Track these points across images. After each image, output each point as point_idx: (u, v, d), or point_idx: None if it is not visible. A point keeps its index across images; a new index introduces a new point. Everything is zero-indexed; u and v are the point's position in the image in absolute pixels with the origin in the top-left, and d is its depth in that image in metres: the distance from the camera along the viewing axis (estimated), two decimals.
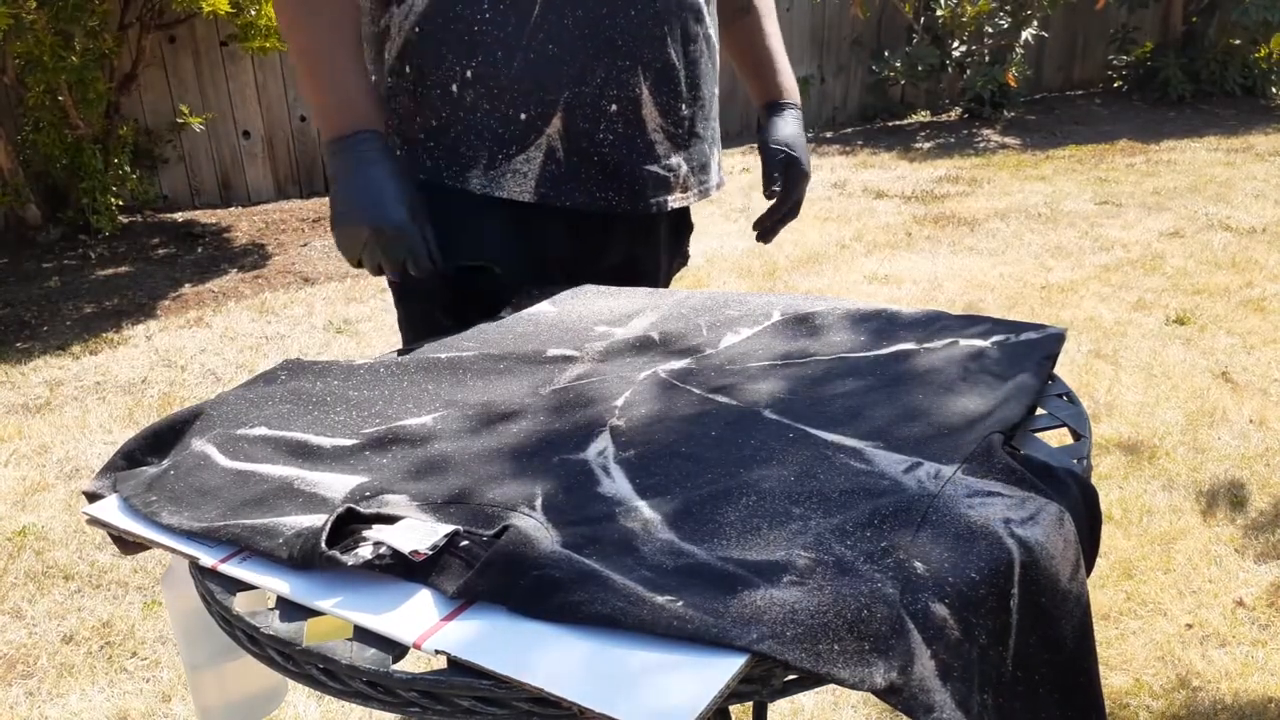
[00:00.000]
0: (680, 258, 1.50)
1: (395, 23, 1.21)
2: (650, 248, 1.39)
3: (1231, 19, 6.90)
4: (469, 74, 1.19)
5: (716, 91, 1.36)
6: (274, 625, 0.69)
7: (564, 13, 1.16)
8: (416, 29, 1.19)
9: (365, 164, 1.14)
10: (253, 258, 4.31)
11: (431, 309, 1.28)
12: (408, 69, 1.22)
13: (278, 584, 0.71)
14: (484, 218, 1.24)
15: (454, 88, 1.20)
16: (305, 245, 4.47)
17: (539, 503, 0.77)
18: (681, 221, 1.46)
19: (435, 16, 1.18)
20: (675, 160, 1.29)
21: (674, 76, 1.24)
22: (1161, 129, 6.52)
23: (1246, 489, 2.39)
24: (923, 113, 7.23)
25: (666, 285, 1.47)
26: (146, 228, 4.65)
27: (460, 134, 1.21)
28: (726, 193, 5.25)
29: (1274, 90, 7.33)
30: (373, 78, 1.27)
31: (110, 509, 0.83)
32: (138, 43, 4.45)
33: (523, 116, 1.20)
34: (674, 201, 1.30)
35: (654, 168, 1.27)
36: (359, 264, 1.18)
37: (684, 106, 1.27)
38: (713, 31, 1.30)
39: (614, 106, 1.21)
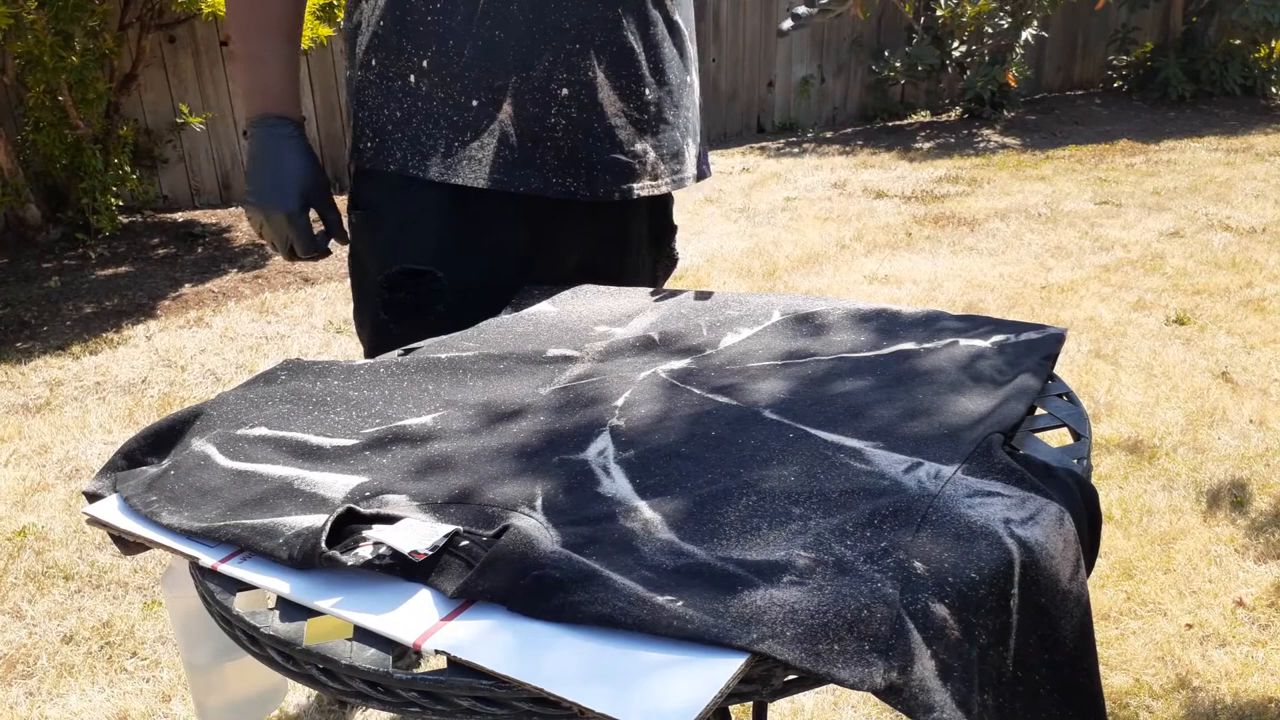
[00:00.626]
0: (665, 260, 1.47)
1: (365, 18, 1.24)
2: (619, 246, 1.36)
3: (1231, 19, 6.89)
4: (425, 64, 1.22)
5: (691, 80, 1.33)
6: (274, 625, 0.69)
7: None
8: (381, 23, 1.23)
9: (272, 150, 1.23)
10: (253, 258, 4.31)
11: (377, 307, 1.31)
12: (374, 62, 1.25)
13: (278, 584, 0.71)
14: (440, 215, 1.25)
15: (412, 78, 1.22)
16: None
17: (539, 503, 0.78)
18: (662, 222, 1.43)
19: (394, 9, 1.21)
20: (641, 146, 1.26)
21: (632, 60, 1.23)
22: (1161, 129, 6.52)
23: (1247, 489, 2.38)
24: (923, 113, 7.23)
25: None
26: (146, 228, 4.65)
27: (420, 124, 1.24)
28: (726, 193, 5.25)
29: (1274, 90, 7.33)
30: (348, 73, 1.31)
31: (110, 509, 0.83)
32: (138, 43, 4.45)
33: (474, 103, 1.21)
34: (641, 190, 1.27)
35: (616, 154, 1.25)
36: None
37: (647, 91, 1.25)
38: (678, 17, 1.28)
39: (565, 90, 1.21)
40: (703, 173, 1.38)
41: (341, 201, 1.33)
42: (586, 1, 1.19)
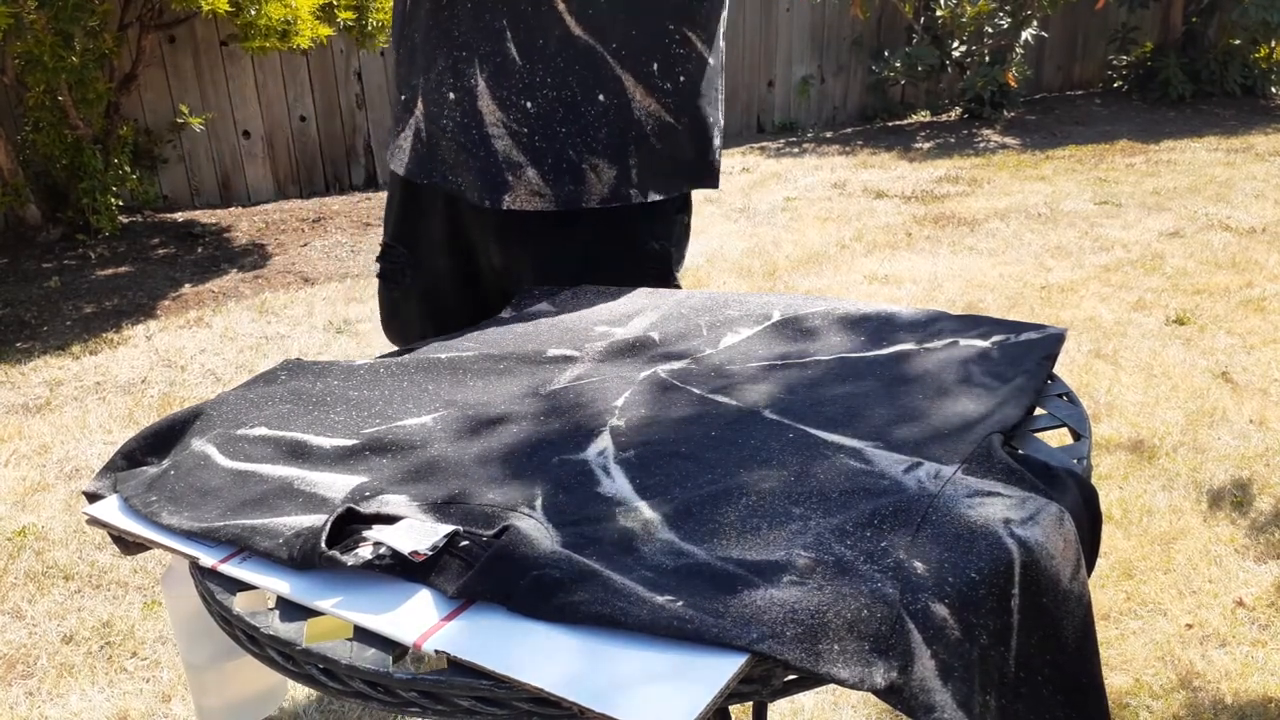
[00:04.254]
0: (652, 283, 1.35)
1: None
2: (539, 260, 1.32)
3: (1231, 19, 6.89)
4: (395, 60, 1.39)
5: (614, 102, 1.26)
6: (274, 625, 0.69)
7: (421, 5, 1.29)
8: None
9: None
10: (253, 258, 4.31)
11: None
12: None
13: (278, 584, 0.71)
14: (399, 198, 1.44)
15: (397, 71, 1.39)
16: (305, 245, 4.47)
17: (539, 503, 0.77)
18: (631, 241, 1.34)
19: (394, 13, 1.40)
20: (518, 158, 1.26)
21: (513, 71, 1.24)
22: (1161, 129, 6.52)
23: (1247, 489, 2.38)
24: (923, 113, 7.23)
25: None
26: (146, 228, 4.65)
27: (396, 112, 1.40)
28: (726, 193, 5.25)
29: (1274, 90, 7.33)
30: None
31: (110, 509, 0.83)
32: (138, 43, 4.44)
33: (403, 98, 1.36)
34: (513, 201, 1.28)
35: (489, 161, 1.27)
36: None
37: (529, 103, 1.25)
38: (580, 30, 1.23)
39: (452, 95, 1.28)
40: (617, 194, 1.30)
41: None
42: (476, 11, 1.23)
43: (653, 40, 1.26)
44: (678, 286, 1.40)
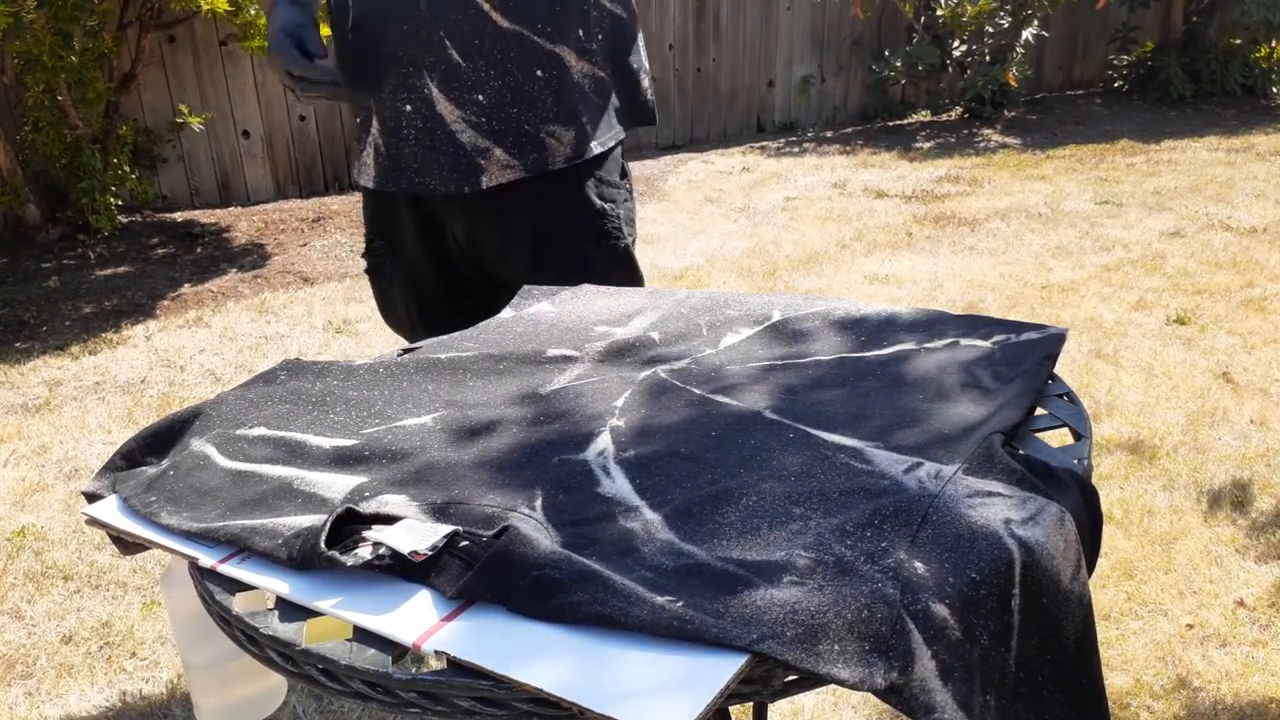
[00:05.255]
0: (600, 241, 1.52)
1: None
2: (500, 225, 1.50)
3: (1232, 19, 6.90)
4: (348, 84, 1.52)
5: (550, 73, 1.43)
6: (273, 625, 0.68)
7: (363, 36, 1.43)
8: None
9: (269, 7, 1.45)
10: (252, 258, 4.30)
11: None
12: None
13: (277, 584, 0.71)
14: (370, 204, 1.60)
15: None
16: (305, 245, 4.46)
17: (539, 503, 0.77)
18: (579, 203, 1.50)
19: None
20: (484, 144, 1.43)
21: (459, 74, 1.40)
22: (1162, 129, 6.52)
23: (1247, 489, 2.38)
24: (923, 112, 7.23)
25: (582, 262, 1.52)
26: (146, 227, 4.65)
27: (356, 136, 1.53)
28: (726, 192, 5.25)
29: (1274, 90, 7.33)
30: None
31: (110, 509, 0.83)
32: (137, 42, 4.44)
33: (359, 120, 1.50)
34: (489, 180, 1.44)
35: (459, 154, 1.43)
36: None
37: (481, 96, 1.41)
38: (506, 22, 1.40)
39: (409, 107, 1.42)
40: (578, 151, 1.47)
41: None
42: (412, 31, 1.39)
43: (573, 12, 1.44)
44: (627, 248, 1.56)
